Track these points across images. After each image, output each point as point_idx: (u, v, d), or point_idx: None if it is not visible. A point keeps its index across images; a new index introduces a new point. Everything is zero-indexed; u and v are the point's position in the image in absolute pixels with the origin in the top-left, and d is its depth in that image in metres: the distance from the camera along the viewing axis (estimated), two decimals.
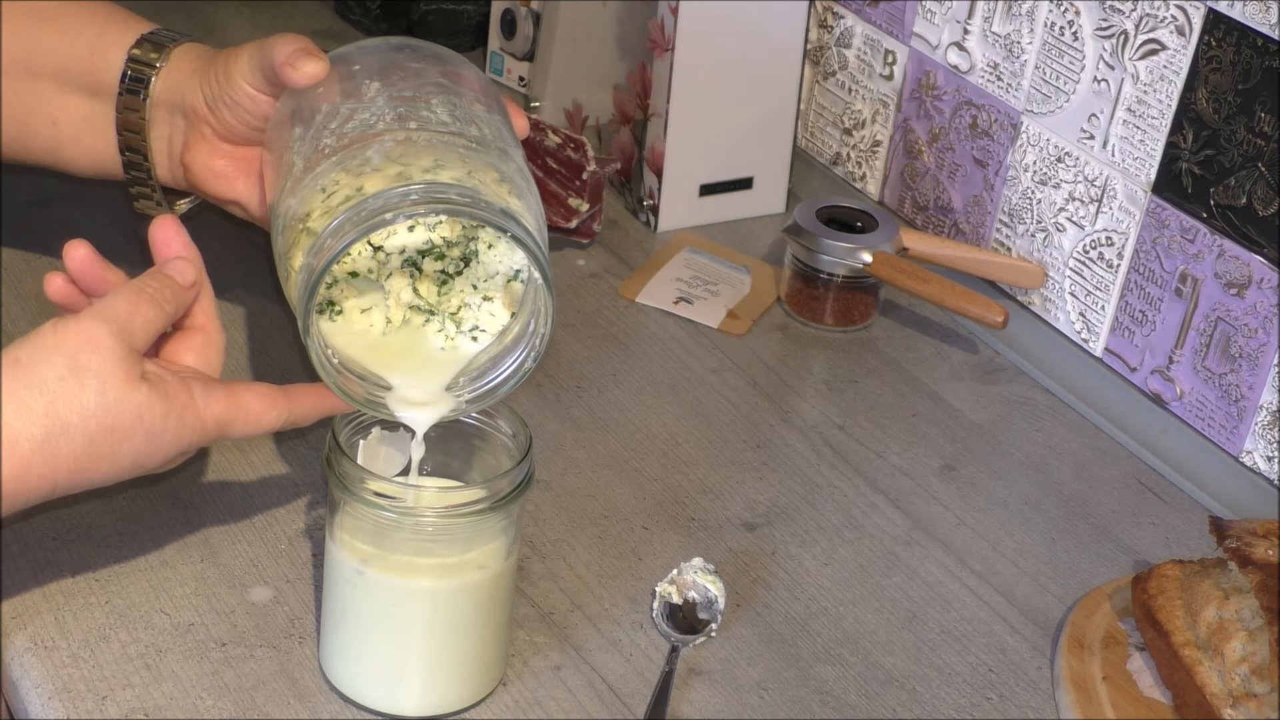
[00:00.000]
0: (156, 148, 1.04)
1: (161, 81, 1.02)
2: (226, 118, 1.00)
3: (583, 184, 1.26)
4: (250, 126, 1.00)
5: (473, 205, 0.82)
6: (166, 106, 1.03)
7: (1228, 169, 1.06)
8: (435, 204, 0.82)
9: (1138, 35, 1.10)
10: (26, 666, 0.87)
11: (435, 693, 0.87)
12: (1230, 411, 1.08)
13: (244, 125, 1.00)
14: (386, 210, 0.81)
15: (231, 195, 1.02)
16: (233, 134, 1.01)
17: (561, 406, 1.12)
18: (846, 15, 1.35)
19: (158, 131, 1.04)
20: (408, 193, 0.82)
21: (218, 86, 0.99)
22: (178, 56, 1.03)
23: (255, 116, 0.99)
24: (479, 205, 0.82)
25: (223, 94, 0.99)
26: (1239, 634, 0.88)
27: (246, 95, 0.98)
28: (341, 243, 0.81)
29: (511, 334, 0.89)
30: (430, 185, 0.83)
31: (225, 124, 1.00)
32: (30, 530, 0.95)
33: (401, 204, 0.82)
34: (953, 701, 0.93)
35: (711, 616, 0.92)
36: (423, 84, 0.93)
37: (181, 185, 1.05)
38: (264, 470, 1.02)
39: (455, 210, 0.82)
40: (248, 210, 1.03)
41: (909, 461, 1.11)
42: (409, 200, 0.82)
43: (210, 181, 1.02)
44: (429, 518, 0.83)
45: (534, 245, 0.83)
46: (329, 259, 0.81)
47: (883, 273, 1.21)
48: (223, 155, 1.02)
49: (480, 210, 0.82)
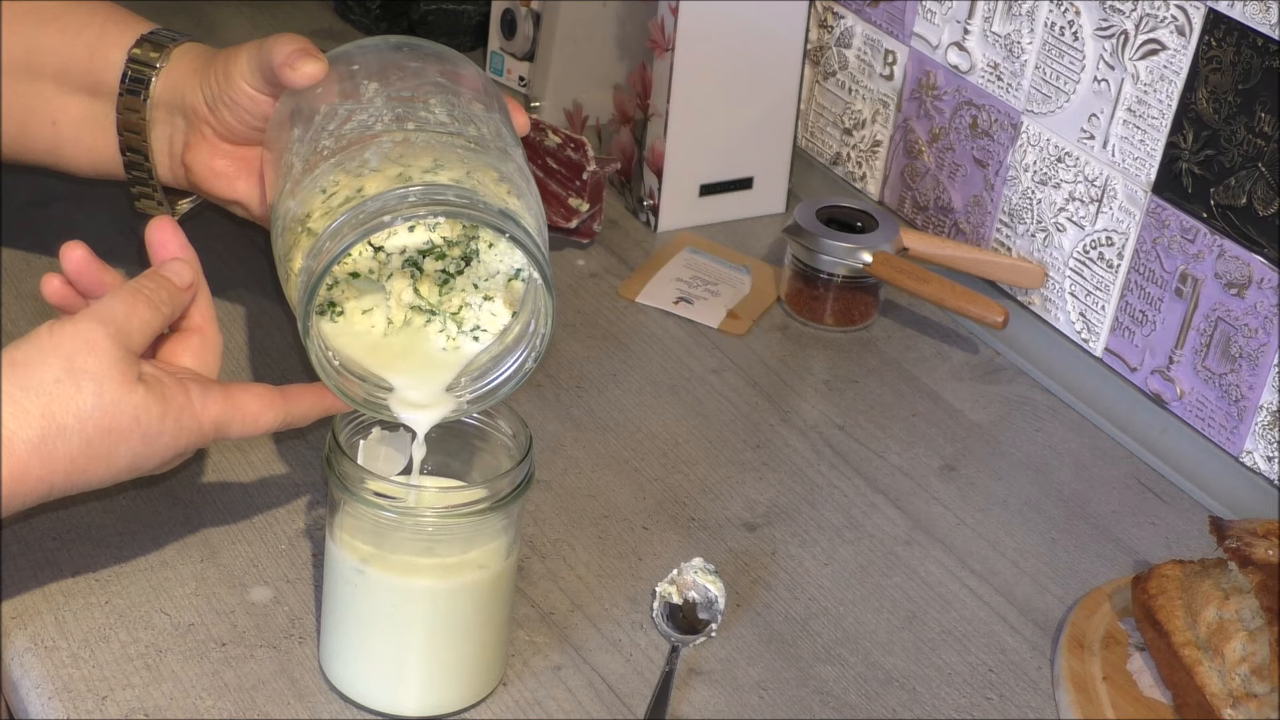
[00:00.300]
0: (157, 148, 1.04)
1: (162, 82, 1.02)
2: (226, 118, 1.00)
3: (583, 184, 1.26)
4: (250, 126, 1.00)
5: (471, 206, 0.82)
6: (167, 107, 1.03)
7: (1228, 169, 1.06)
8: (434, 205, 0.82)
9: (1138, 35, 1.10)
10: (26, 666, 0.87)
11: (435, 693, 0.87)
12: (1230, 411, 1.08)
13: (244, 125, 1.00)
14: (385, 212, 0.81)
15: (233, 195, 1.02)
16: (233, 134, 1.01)
17: (561, 406, 1.12)
18: (846, 15, 1.35)
19: (158, 132, 1.04)
20: (406, 194, 0.82)
21: (217, 87, 0.99)
22: (178, 57, 1.03)
23: (255, 116, 0.99)
24: (477, 206, 0.82)
25: (222, 94, 0.99)
26: (1239, 634, 0.88)
27: (246, 95, 0.98)
28: (340, 245, 0.81)
29: (513, 333, 0.89)
30: (429, 187, 0.83)
31: (225, 124, 1.00)
32: (30, 530, 0.95)
33: (400, 206, 0.82)
34: (953, 701, 0.93)
35: (711, 616, 0.92)
36: (421, 83, 0.93)
37: (183, 185, 1.05)
38: (264, 470, 1.02)
39: (454, 212, 0.82)
40: (249, 210, 1.03)
41: (909, 461, 1.11)
42: (408, 202, 0.82)
43: (211, 181, 1.02)
44: (429, 518, 0.83)
45: (532, 245, 0.83)
46: (328, 262, 0.81)
47: (883, 273, 1.21)
48: (223, 155, 1.02)
49: (478, 211, 0.82)
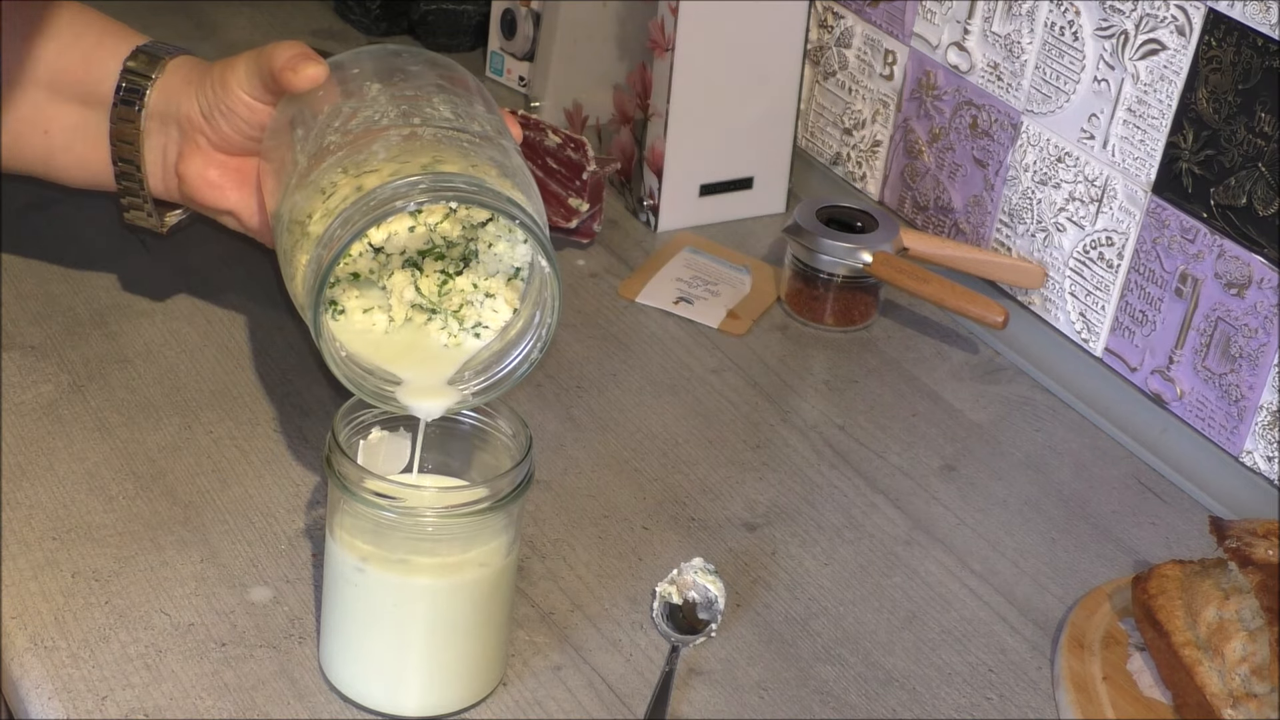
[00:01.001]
0: (150, 159, 1.04)
1: (157, 93, 1.03)
2: (223, 127, 1.00)
3: (583, 184, 1.26)
4: (246, 136, 1.00)
5: (480, 193, 0.83)
6: (161, 117, 1.03)
7: (1228, 169, 1.06)
8: (443, 192, 0.82)
9: (1138, 35, 1.10)
10: (26, 666, 0.87)
11: (435, 693, 0.87)
12: (1230, 411, 1.08)
13: (240, 135, 1.00)
14: (396, 199, 0.82)
15: (225, 205, 1.02)
16: (228, 144, 1.01)
17: (561, 406, 1.12)
18: (846, 15, 1.35)
19: (152, 142, 1.04)
20: (416, 182, 0.82)
21: (214, 96, 0.99)
22: (173, 69, 1.03)
23: (252, 126, 0.99)
24: (485, 193, 0.83)
25: (219, 103, 0.99)
26: (1239, 634, 0.88)
27: (244, 104, 0.98)
28: (351, 231, 0.82)
29: (515, 329, 0.90)
30: (438, 175, 0.83)
31: (221, 134, 1.00)
32: (30, 530, 0.96)
33: (411, 192, 0.82)
34: (953, 701, 0.93)
35: (711, 616, 0.92)
36: (423, 84, 0.93)
37: (174, 196, 1.06)
38: (264, 470, 1.02)
39: (463, 197, 0.82)
40: (241, 221, 1.03)
41: (909, 461, 1.11)
42: (418, 189, 0.82)
43: (204, 191, 1.02)
44: (429, 518, 0.83)
45: (538, 230, 0.84)
46: (340, 247, 0.82)
47: (883, 273, 1.21)
48: (217, 165, 1.02)
49: (487, 198, 0.83)
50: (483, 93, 0.97)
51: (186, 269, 1.19)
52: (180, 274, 1.19)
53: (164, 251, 1.21)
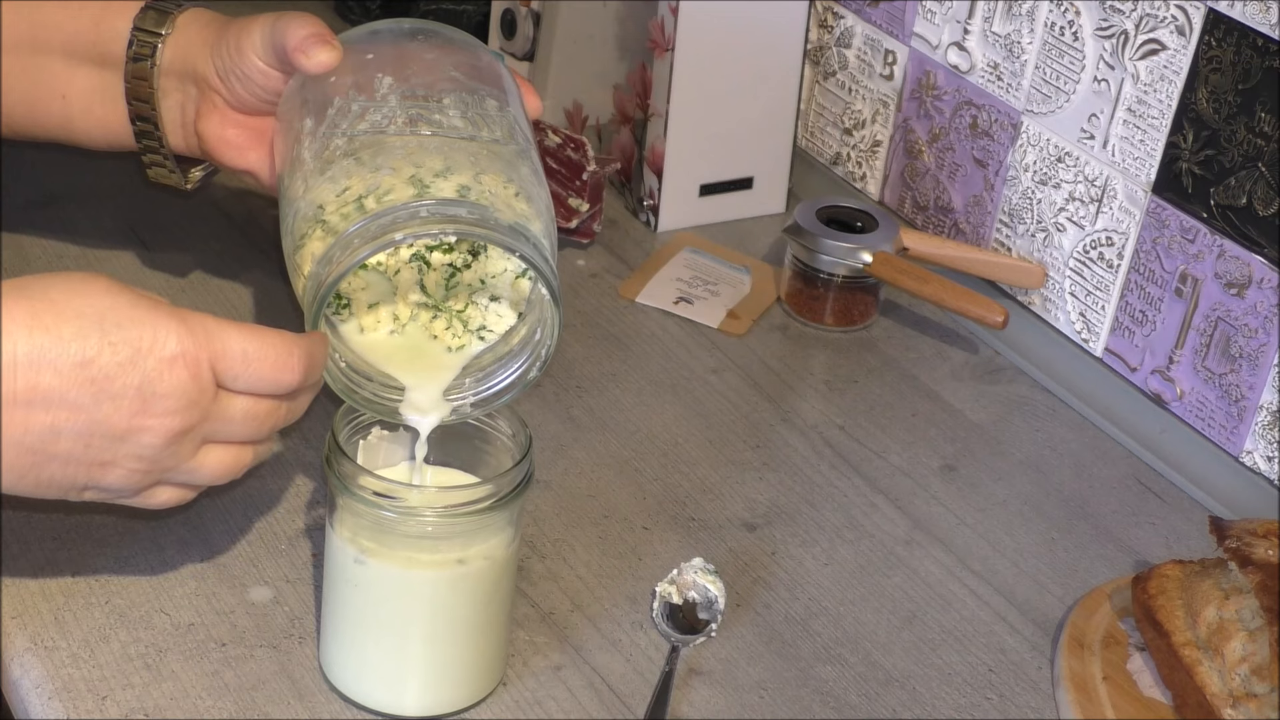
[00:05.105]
0: (169, 117, 1.04)
1: (169, 50, 1.02)
2: (238, 90, 1.00)
3: (583, 184, 1.26)
4: (262, 99, 1.00)
5: (481, 223, 0.83)
6: (177, 75, 1.03)
7: (1228, 169, 1.06)
8: (445, 223, 0.83)
9: (1138, 35, 1.10)
10: (26, 666, 0.87)
11: (435, 692, 0.87)
12: (1230, 411, 1.08)
13: (255, 98, 1.00)
14: (397, 228, 0.82)
15: (244, 165, 1.03)
16: (244, 105, 1.01)
17: (561, 406, 1.12)
18: (846, 15, 1.35)
19: (170, 100, 1.04)
20: (418, 210, 0.83)
21: (229, 59, 0.99)
22: (184, 23, 1.03)
23: (267, 91, 0.99)
24: (488, 223, 0.83)
25: (234, 67, 0.99)
26: (1239, 634, 0.88)
27: (258, 70, 0.98)
28: (353, 259, 0.82)
29: (519, 335, 0.90)
30: (441, 202, 0.83)
31: (237, 95, 1.00)
32: (30, 530, 0.95)
33: (411, 223, 0.82)
34: (953, 701, 0.93)
35: (711, 616, 0.92)
36: (436, 79, 0.93)
37: (195, 153, 1.06)
38: (264, 470, 1.02)
39: (465, 231, 0.83)
40: (260, 179, 1.04)
41: (909, 461, 1.11)
42: (419, 218, 0.83)
43: (223, 151, 1.02)
44: (429, 517, 0.83)
45: (541, 262, 0.84)
46: (336, 276, 0.82)
47: (883, 273, 1.21)
48: (235, 125, 1.02)
49: (489, 229, 0.83)
50: (500, 73, 0.97)
51: (186, 268, 1.19)
52: (180, 273, 1.19)
53: (164, 250, 1.21)
